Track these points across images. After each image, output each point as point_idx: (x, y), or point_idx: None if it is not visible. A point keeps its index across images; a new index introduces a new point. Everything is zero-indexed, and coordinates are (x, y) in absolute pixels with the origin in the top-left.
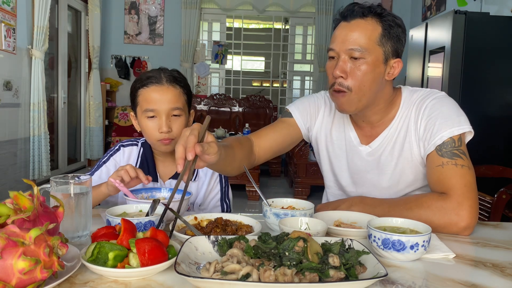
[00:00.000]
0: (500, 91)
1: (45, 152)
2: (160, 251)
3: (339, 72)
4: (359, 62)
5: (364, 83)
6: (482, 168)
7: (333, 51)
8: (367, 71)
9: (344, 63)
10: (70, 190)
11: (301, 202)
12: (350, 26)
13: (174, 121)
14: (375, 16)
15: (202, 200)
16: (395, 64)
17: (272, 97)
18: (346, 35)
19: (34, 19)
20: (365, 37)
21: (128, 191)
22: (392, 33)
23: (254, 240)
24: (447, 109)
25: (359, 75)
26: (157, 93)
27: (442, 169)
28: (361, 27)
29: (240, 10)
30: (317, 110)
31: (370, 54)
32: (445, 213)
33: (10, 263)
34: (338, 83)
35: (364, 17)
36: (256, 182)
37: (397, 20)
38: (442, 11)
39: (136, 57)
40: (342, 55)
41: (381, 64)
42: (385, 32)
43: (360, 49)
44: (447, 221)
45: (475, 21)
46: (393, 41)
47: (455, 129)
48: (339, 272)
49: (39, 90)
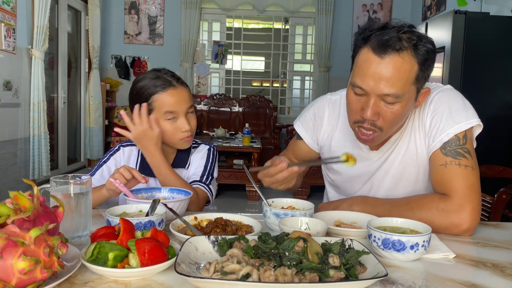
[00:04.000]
0: (500, 91)
1: (45, 152)
2: (160, 251)
3: (370, 115)
4: (393, 106)
5: (397, 122)
6: (482, 168)
7: (362, 89)
8: (399, 112)
9: (376, 105)
10: (70, 190)
11: (301, 202)
12: (385, 65)
13: (190, 118)
14: (411, 50)
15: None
16: (424, 93)
17: (272, 97)
18: (380, 77)
19: (34, 19)
20: (402, 79)
21: (128, 191)
22: (426, 65)
23: (254, 240)
24: (455, 103)
25: (391, 118)
26: (174, 97)
27: (445, 169)
28: (398, 68)
29: (240, 10)
30: (321, 119)
31: (405, 96)
32: (446, 215)
33: (10, 263)
34: (369, 123)
35: (399, 51)
36: (256, 182)
37: (432, 47)
38: (442, 11)
39: (136, 57)
40: (373, 98)
41: (413, 101)
42: (421, 67)
43: (396, 94)
44: (448, 223)
45: (475, 21)
46: (428, 73)
47: (462, 124)
48: (339, 272)
49: (39, 90)
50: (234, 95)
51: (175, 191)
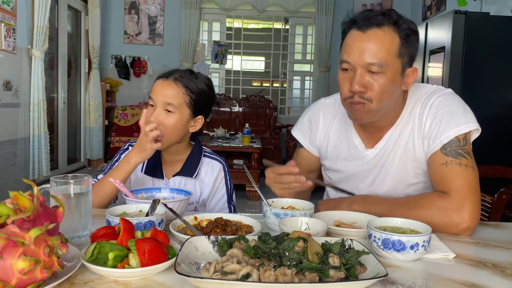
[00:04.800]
0: (500, 91)
1: (45, 152)
2: (160, 251)
3: (358, 87)
4: (378, 76)
5: (384, 96)
6: (482, 168)
7: (348, 63)
8: (385, 84)
9: (362, 77)
10: (70, 190)
11: (301, 202)
12: (367, 38)
13: (165, 116)
14: (391, 25)
15: (207, 200)
16: (411, 72)
17: (272, 97)
18: (363, 48)
19: (34, 19)
20: (384, 50)
21: (128, 191)
22: (409, 42)
23: (254, 240)
24: (455, 107)
25: (378, 89)
26: (158, 86)
27: (446, 168)
28: (379, 39)
29: (240, 10)
30: (317, 123)
31: (389, 68)
32: (446, 213)
33: (10, 263)
34: (358, 96)
35: (380, 26)
36: (256, 182)
37: (413, 27)
38: (442, 11)
39: (136, 57)
40: (359, 69)
41: (399, 76)
42: (403, 42)
43: (380, 63)
44: (448, 222)
45: (475, 21)
46: (411, 50)
47: (461, 127)
48: (339, 272)
49: (39, 90)
50: (234, 95)
51: (175, 191)
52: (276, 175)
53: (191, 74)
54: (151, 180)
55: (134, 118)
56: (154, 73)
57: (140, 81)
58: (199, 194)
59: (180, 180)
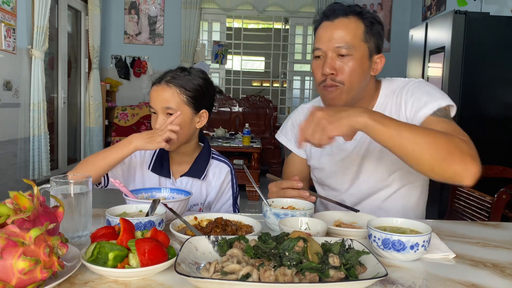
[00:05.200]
0: (500, 91)
1: (45, 152)
2: (160, 251)
3: (329, 69)
4: (347, 59)
5: (354, 78)
6: (482, 168)
7: (320, 50)
8: (355, 66)
9: (333, 60)
10: (70, 190)
11: (301, 202)
12: (335, 25)
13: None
14: (356, 15)
15: (213, 202)
16: (379, 59)
17: (272, 97)
18: (332, 34)
19: (34, 19)
20: (350, 34)
21: (128, 191)
22: (374, 29)
23: (254, 240)
24: (431, 88)
25: (348, 71)
26: (154, 93)
27: (448, 124)
28: (345, 25)
29: (240, 10)
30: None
31: (356, 50)
32: (460, 142)
33: (10, 263)
34: (330, 79)
35: (346, 15)
36: (256, 182)
37: (377, 18)
38: (442, 11)
39: (136, 57)
40: (329, 53)
41: (367, 60)
42: (368, 29)
43: (347, 46)
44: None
45: (475, 21)
46: (376, 37)
47: (442, 101)
48: (339, 272)
49: (39, 90)
50: (234, 95)
51: (175, 191)
52: (279, 189)
53: (183, 72)
54: (157, 179)
55: (134, 118)
56: (154, 73)
57: (140, 81)
58: (205, 195)
59: (187, 180)
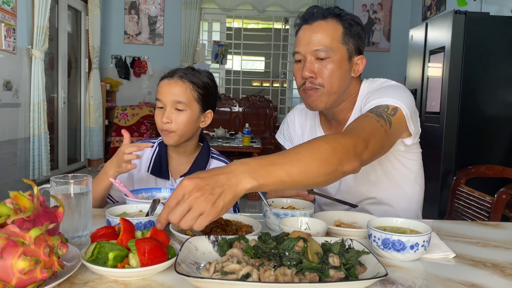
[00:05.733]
0: (500, 91)
1: (45, 152)
2: (160, 251)
3: (308, 73)
4: (326, 62)
5: (333, 80)
6: (482, 168)
7: (299, 54)
8: (334, 69)
9: (311, 64)
10: (70, 190)
11: (301, 202)
12: (313, 28)
13: (176, 115)
14: (335, 17)
15: None
16: (359, 61)
17: (272, 97)
18: (310, 37)
19: (34, 19)
20: (328, 37)
21: (128, 191)
22: (353, 31)
23: (254, 240)
24: (392, 90)
25: (327, 74)
26: (165, 86)
27: (363, 117)
28: (323, 28)
29: (240, 10)
30: (293, 125)
31: (335, 53)
32: (343, 142)
33: (10, 263)
34: (309, 82)
35: (325, 18)
36: None
37: (356, 19)
38: (442, 11)
39: (136, 57)
40: (308, 57)
41: (346, 62)
42: (346, 31)
43: (325, 49)
44: (344, 152)
45: (475, 21)
46: (355, 39)
47: (396, 100)
48: (339, 272)
49: (39, 90)
50: (234, 95)
51: None
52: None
53: (193, 71)
54: (154, 181)
55: (134, 118)
56: (154, 73)
57: (140, 81)
58: None
59: None
